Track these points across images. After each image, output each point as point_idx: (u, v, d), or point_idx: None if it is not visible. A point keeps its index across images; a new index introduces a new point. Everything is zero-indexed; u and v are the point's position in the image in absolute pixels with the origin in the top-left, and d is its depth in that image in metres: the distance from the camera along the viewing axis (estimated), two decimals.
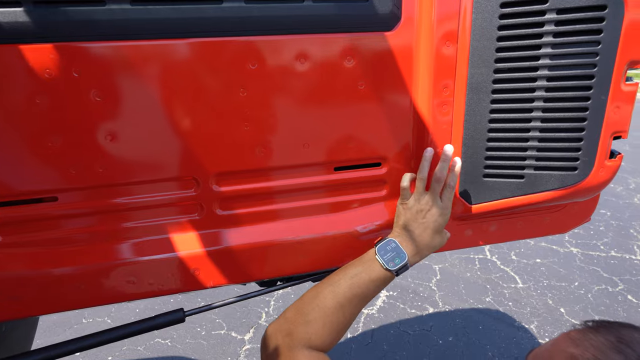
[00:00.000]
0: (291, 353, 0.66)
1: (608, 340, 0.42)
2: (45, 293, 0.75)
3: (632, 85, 0.77)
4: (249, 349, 2.30)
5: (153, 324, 0.78)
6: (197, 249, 0.80)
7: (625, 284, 2.96)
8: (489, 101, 0.79)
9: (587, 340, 0.43)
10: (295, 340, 0.68)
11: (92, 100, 0.66)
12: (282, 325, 0.72)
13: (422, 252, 0.78)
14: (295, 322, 0.71)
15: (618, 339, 0.42)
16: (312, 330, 0.69)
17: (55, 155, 0.68)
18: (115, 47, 0.65)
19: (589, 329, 0.46)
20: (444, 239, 0.82)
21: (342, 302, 0.72)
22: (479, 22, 0.75)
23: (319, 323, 0.69)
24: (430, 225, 0.78)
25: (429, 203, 0.78)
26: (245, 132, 0.75)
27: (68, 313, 2.57)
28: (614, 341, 0.42)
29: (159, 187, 0.76)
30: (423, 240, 0.77)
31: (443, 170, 0.78)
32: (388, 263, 0.74)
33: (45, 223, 0.73)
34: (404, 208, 0.80)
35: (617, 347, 0.41)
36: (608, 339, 0.42)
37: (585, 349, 0.42)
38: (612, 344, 0.41)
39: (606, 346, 0.41)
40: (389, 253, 0.75)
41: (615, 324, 0.45)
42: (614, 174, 0.84)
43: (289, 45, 0.72)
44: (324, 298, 0.72)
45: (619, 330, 0.43)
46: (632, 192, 4.79)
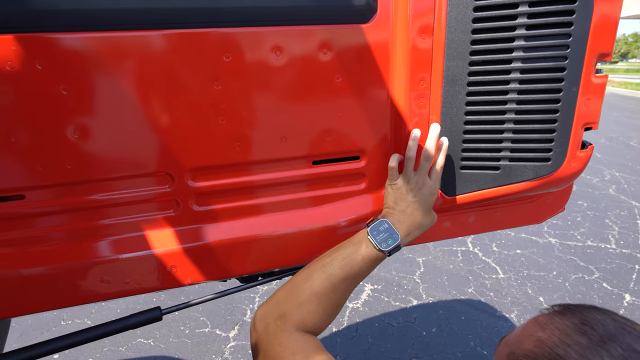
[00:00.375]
0: (283, 335, 0.64)
1: (572, 322, 0.43)
2: (14, 295, 0.73)
3: (601, 77, 0.78)
4: (233, 346, 2.29)
5: (128, 323, 0.76)
6: (173, 246, 0.79)
7: (600, 272, 3.06)
8: (464, 93, 0.80)
9: (553, 324, 0.44)
10: (288, 323, 0.66)
11: (57, 93, 0.64)
12: (273, 308, 0.70)
13: (413, 232, 0.78)
14: (287, 304, 0.69)
15: (582, 320, 0.43)
16: (305, 312, 0.67)
17: (20, 151, 0.66)
18: (81, 38, 0.63)
19: (556, 313, 0.47)
20: (434, 218, 0.81)
21: (334, 283, 0.70)
22: (454, 15, 0.76)
23: (312, 305, 0.68)
24: (421, 204, 0.77)
25: (418, 182, 0.78)
26: (221, 126, 0.74)
27: (45, 315, 2.50)
28: (577, 323, 0.42)
29: (132, 184, 0.74)
30: (415, 219, 0.77)
31: (431, 148, 0.78)
32: (381, 244, 0.73)
33: (12, 222, 0.71)
34: (392, 188, 0.79)
35: (580, 328, 0.42)
36: (572, 321, 0.43)
37: (551, 333, 0.43)
38: (576, 325, 0.42)
39: (570, 328, 0.42)
40: (381, 234, 0.74)
41: (579, 307, 0.47)
42: (586, 164, 0.86)
43: (264, 37, 0.71)
44: (316, 279, 0.71)
45: (582, 312, 0.44)
46: (608, 183, 4.95)
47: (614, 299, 2.75)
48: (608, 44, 0.76)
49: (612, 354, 0.38)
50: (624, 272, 3.06)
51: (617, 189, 4.76)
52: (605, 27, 0.75)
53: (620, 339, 0.39)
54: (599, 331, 0.40)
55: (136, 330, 2.35)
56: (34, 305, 0.76)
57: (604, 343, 0.39)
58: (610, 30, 0.75)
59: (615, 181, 5.01)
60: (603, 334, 0.40)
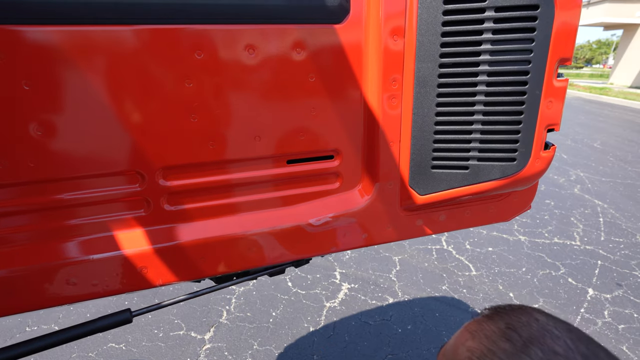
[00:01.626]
0: None
1: (498, 328, 0.43)
2: None
3: (562, 81, 0.82)
4: (209, 348, 2.25)
5: (96, 326, 0.74)
6: (144, 247, 0.77)
7: (566, 268, 3.20)
8: (435, 95, 0.82)
9: (481, 331, 0.45)
10: None
11: (19, 88, 0.61)
12: None
13: None
14: None
15: (507, 325, 0.43)
16: None
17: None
18: (47, 32, 0.61)
19: (485, 317, 0.47)
20: None
21: None
22: (425, 18, 0.78)
23: None
24: None
25: None
26: (193, 124, 0.73)
27: (9, 321, 2.39)
28: (503, 328, 0.43)
29: (100, 183, 0.72)
30: None
31: None
32: None
33: None
34: None
35: (505, 333, 0.42)
36: (498, 326, 0.44)
37: (479, 341, 0.44)
38: (502, 331, 0.43)
39: (496, 334, 0.43)
40: None
41: (507, 309, 0.47)
42: (549, 164, 0.90)
43: (237, 35, 0.70)
44: None
45: (509, 315, 0.45)
46: (573, 183, 5.18)
47: (579, 293, 2.88)
48: (568, 49, 0.80)
49: (532, 359, 0.39)
50: (587, 268, 3.20)
51: (581, 188, 4.98)
52: (565, 33, 0.78)
53: (542, 342, 0.40)
54: (523, 335, 0.41)
55: (107, 335, 2.28)
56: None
57: (526, 347, 0.40)
58: (570, 36, 0.79)
59: (580, 181, 5.25)
60: (526, 338, 0.41)
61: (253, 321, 2.48)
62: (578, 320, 2.59)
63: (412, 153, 0.87)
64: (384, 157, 0.87)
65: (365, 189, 0.90)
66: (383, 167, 0.88)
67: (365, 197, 0.90)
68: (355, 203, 0.90)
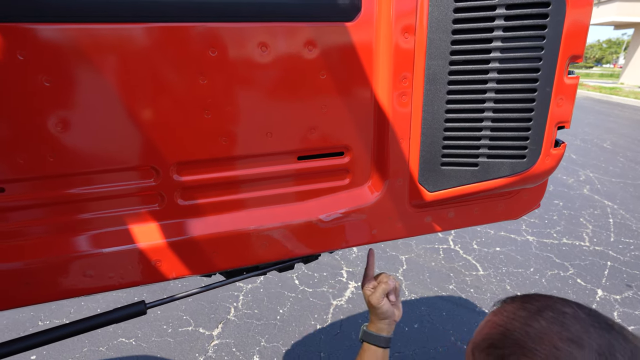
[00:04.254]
0: None
1: (517, 304, 0.54)
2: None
3: (573, 79, 0.82)
4: (217, 344, 2.28)
5: (111, 317, 0.76)
6: (158, 240, 0.79)
7: (575, 269, 3.17)
8: (445, 92, 0.83)
9: (503, 310, 0.55)
10: None
11: (40, 84, 0.63)
12: None
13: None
14: None
15: (523, 300, 0.54)
16: None
17: (1, 143, 0.65)
18: (65, 29, 0.63)
19: (506, 302, 0.57)
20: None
21: None
22: (436, 15, 0.78)
23: None
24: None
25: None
26: (207, 121, 0.74)
27: (22, 315, 2.43)
28: (520, 303, 0.54)
29: (116, 177, 0.74)
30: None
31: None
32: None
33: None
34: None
35: (522, 306, 0.53)
36: (517, 303, 0.54)
37: (501, 315, 0.54)
38: (520, 304, 0.53)
39: (515, 308, 0.53)
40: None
41: (525, 295, 0.57)
42: (559, 161, 0.90)
43: (250, 33, 0.71)
44: None
45: (525, 297, 0.55)
46: (582, 183, 5.13)
47: (587, 294, 2.86)
48: (579, 47, 0.80)
49: (545, 318, 0.48)
50: (596, 269, 3.18)
51: (591, 189, 4.93)
52: (576, 31, 0.78)
53: (553, 306, 0.49)
54: (536, 305, 0.51)
55: (117, 329, 2.31)
56: (14, 301, 0.75)
57: (540, 312, 0.49)
58: (581, 34, 0.79)
59: (589, 181, 5.20)
60: (539, 306, 0.50)
61: (260, 318, 2.50)
62: None
63: (422, 150, 0.88)
64: (394, 154, 0.87)
65: (375, 185, 0.91)
66: (393, 164, 0.88)
67: (375, 194, 0.91)
68: (365, 199, 0.91)
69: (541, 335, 0.45)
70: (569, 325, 0.46)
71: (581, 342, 0.44)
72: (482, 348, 0.52)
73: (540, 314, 0.48)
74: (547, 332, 0.45)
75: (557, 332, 0.45)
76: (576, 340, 0.44)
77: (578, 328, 0.45)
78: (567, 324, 0.46)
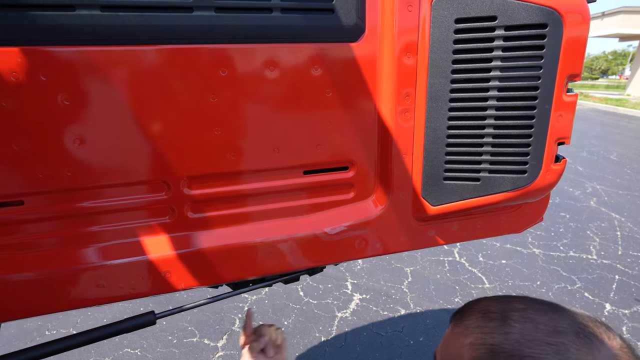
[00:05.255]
0: None
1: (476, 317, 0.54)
2: (10, 299, 0.74)
3: (572, 96, 0.85)
4: (222, 355, 2.28)
5: (121, 327, 0.78)
6: (168, 252, 0.81)
7: (582, 282, 3.14)
8: (446, 109, 0.85)
9: (467, 327, 0.54)
10: None
11: (59, 104, 0.67)
12: None
13: None
14: None
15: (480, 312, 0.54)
16: None
17: (21, 159, 0.68)
18: (84, 52, 0.66)
19: (459, 318, 0.57)
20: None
21: None
22: (437, 36, 0.81)
23: None
24: None
25: None
26: (217, 137, 0.77)
27: (29, 325, 2.46)
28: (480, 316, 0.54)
29: (129, 191, 0.77)
30: None
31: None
32: None
33: (11, 227, 0.72)
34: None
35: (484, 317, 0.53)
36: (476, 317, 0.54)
37: (473, 335, 0.52)
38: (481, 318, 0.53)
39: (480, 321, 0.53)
40: None
41: (468, 305, 0.59)
42: (560, 176, 0.92)
43: (259, 54, 0.75)
44: None
45: (474, 306, 0.57)
46: (589, 195, 5.09)
47: (595, 308, 2.82)
48: (577, 66, 0.82)
49: (515, 320, 0.49)
50: (604, 282, 3.14)
51: (598, 201, 4.90)
52: (574, 49, 0.81)
53: (508, 307, 0.51)
54: (495, 310, 0.52)
55: (122, 340, 2.32)
56: (29, 310, 0.77)
57: (505, 317, 0.50)
58: (578, 52, 0.82)
59: (596, 194, 5.16)
60: (499, 311, 0.51)
61: None
62: None
63: (425, 165, 0.90)
64: (397, 169, 0.90)
65: (379, 199, 0.93)
66: (396, 178, 0.91)
67: (379, 207, 0.93)
68: (369, 213, 0.93)
69: (527, 338, 0.46)
70: (537, 320, 0.48)
71: (557, 330, 0.46)
72: None
73: (507, 319, 0.49)
74: (529, 333, 0.46)
75: (535, 330, 0.47)
76: (553, 330, 0.46)
77: (545, 319, 0.47)
78: (534, 319, 0.48)
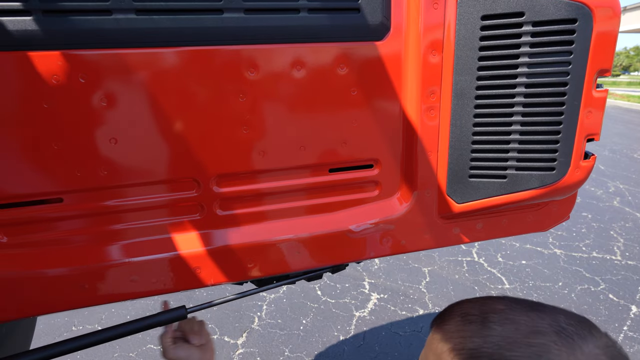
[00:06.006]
0: None
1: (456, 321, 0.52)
2: (50, 292, 0.77)
3: (602, 92, 0.83)
4: (242, 353, 2.31)
5: (155, 320, 0.81)
6: (198, 248, 0.83)
7: (606, 284, 3.06)
8: (472, 106, 0.85)
9: (447, 333, 0.52)
10: None
11: (97, 104, 0.70)
12: None
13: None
14: None
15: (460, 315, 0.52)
16: None
17: (61, 158, 0.71)
18: (120, 54, 0.69)
19: (439, 325, 0.55)
20: None
21: None
22: (462, 33, 0.81)
23: None
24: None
25: None
26: (245, 136, 0.79)
27: (57, 320, 2.54)
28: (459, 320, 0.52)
29: (161, 189, 0.79)
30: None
31: None
32: None
33: (51, 224, 0.76)
34: None
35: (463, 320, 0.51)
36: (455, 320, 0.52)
37: (452, 341, 0.51)
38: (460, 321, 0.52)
39: (458, 325, 0.51)
40: None
41: (446, 310, 0.56)
42: (589, 173, 0.91)
43: (286, 54, 0.76)
44: None
45: (452, 311, 0.54)
46: (612, 195, 4.96)
47: (621, 310, 2.75)
48: (607, 61, 0.81)
49: (494, 322, 0.47)
50: (630, 284, 3.06)
51: (621, 200, 4.76)
52: (604, 44, 0.80)
53: (488, 309, 0.50)
54: (474, 314, 0.50)
55: (145, 336, 2.38)
56: (66, 303, 0.80)
57: (485, 320, 0.48)
58: (609, 47, 0.80)
59: (619, 193, 5.02)
60: (478, 314, 0.50)
61: (284, 328, 2.52)
62: (621, 338, 2.48)
63: (450, 162, 0.90)
64: (422, 167, 0.90)
65: (404, 197, 0.94)
66: (421, 176, 0.91)
67: (404, 205, 0.93)
68: (394, 211, 0.94)
69: (508, 341, 0.45)
70: (517, 321, 0.47)
71: (538, 330, 0.45)
72: None
73: (487, 321, 0.48)
74: (509, 335, 0.46)
75: (516, 331, 0.46)
76: (533, 330, 0.45)
77: (525, 320, 0.47)
78: (514, 319, 0.47)
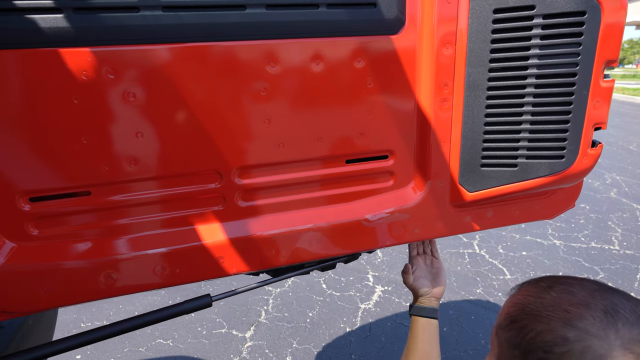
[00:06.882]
0: None
1: (530, 284, 0.61)
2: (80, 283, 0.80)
3: (609, 82, 0.86)
4: (250, 346, 2.34)
5: (182, 308, 0.83)
6: (221, 239, 0.86)
7: (605, 273, 3.12)
8: (484, 97, 0.88)
9: (519, 292, 0.61)
10: None
11: (126, 99, 0.72)
12: None
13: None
14: None
15: (535, 280, 0.61)
16: None
17: (89, 152, 0.73)
18: (148, 50, 0.71)
19: (522, 285, 0.63)
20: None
21: None
22: (475, 26, 0.84)
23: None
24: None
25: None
26: (266, 129, 0.81)
27: (65, 317, 2.56)
28: (533, 283, 0.61)
29: (184, 181, 0.82)
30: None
31: None
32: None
33: (80, 216, 0.78)
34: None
35: (534, 284, 0.60)
36: (530, 283, 0.61)
37: (517, 295, 0.60)
38: (532, 284, 0.60)
39: (529, 286, 0.60)
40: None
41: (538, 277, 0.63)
42: (596, 161, 0.94)
43: (305, 48, 0.79)
44: None
45: (538, 279, 0.62)
46: (609, 186, 5.02)
47: None
48: (614, 51, 0.84)
49: (556, 290, 0.54)
50: (628, 273, 3.11)
51: (618, 192, 4.83)
52: (612, 36, 0.83)
53: (562, 281, 0.57)
54: (547, 282, 0.58)
55: (154, 331, 2.40)
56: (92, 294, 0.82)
57: (551, 287, 0.56)
58: (616, 38, 0.83)
59: (616, 184, 5.09)
60: (550, 283, 0.57)
61: (291, 321, 2.55)
62: None
63: (462, 152, 0.93)
64: (435, 157, 0.93)
65: (418, 186, 0.97)
66: (434, 166, 0.94)
67: (418, 194, 0.96)
68: (408, 200, 0.97)
69: (553, 304, 0.52)
70: (576, 293, 0.53)
71: (588, 304, 0.50)
72: (504, 326, 0.57)
73: (551, 287, 0.55)
74: (559, 301, 0.52)
75: (567, 300, 0.52)
76: (584, 303, 0.50)
77: (585, 294, 0.52)
78: (575, 292, 0.53)
